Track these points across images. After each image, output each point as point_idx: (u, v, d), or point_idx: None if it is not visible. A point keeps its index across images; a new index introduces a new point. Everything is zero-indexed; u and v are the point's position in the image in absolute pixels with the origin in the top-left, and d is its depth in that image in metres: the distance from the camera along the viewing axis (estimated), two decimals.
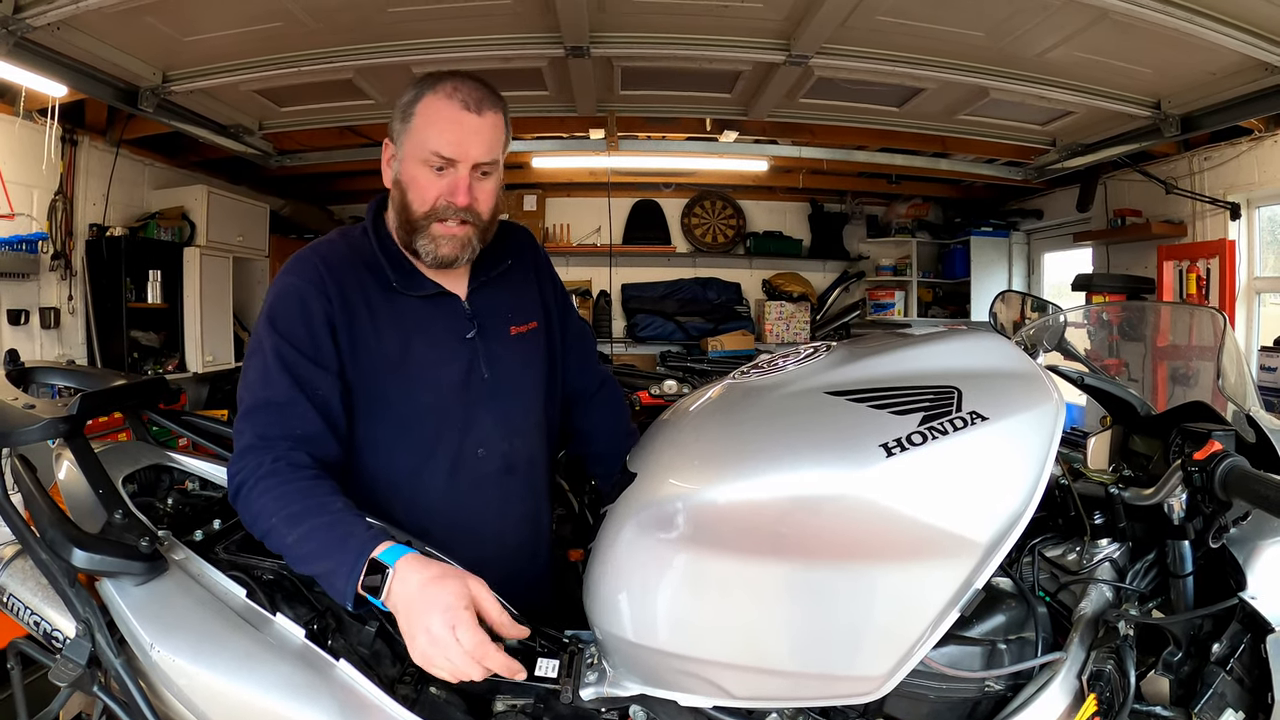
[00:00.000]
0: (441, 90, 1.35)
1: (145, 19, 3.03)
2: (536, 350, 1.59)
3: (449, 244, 1.39)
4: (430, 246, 1.39)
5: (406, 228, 1.41)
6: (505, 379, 1.50)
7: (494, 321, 1.51)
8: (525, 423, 1.55)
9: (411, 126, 1.37)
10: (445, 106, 1.35)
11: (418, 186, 1.38)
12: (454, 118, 1.34)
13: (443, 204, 1.37)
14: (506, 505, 1.53)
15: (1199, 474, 1.07)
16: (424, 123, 1.36)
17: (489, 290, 1.53)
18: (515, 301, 1.57)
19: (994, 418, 1.00)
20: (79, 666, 1.17)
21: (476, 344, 1.47)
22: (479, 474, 1.47)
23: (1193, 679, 1.11)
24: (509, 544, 1.53)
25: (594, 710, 1.16)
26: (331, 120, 4.60)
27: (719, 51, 3.50)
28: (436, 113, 1.35)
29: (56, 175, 4.27)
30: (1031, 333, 1.69)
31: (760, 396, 1.12)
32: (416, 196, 1.38)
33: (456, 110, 1.34)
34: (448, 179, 1.36)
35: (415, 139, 1.36)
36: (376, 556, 1.10)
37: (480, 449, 1.47)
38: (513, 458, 1.51)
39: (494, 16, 3.23)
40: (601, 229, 7.11)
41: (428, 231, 1.39)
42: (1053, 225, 6.62)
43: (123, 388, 1.58)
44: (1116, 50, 3.27)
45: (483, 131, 1.36)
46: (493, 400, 1.48)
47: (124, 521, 1.28)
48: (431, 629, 1.03)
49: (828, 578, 0.99)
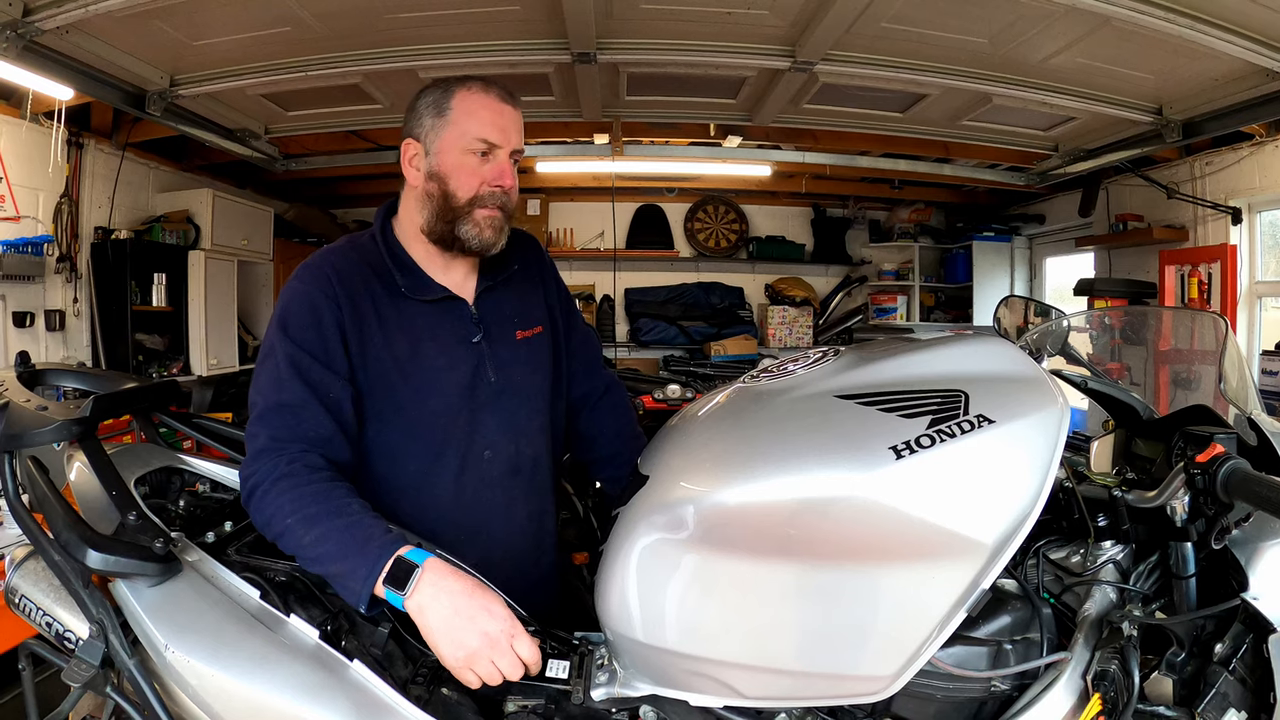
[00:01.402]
0: (475, 86, 1.44)
1: (154, 23, 3.04)
2: (542, 354, 1.60)
3: (492, 227, 1.45)
4: (474, 232, 1.44)
5: (447, 217, 1.45)
6: (511, 382, 1.52)
7: (500, 326, 1.53)
8: (530, 425, 1.56)
9: (449, 120, 1.42)
10: (484, 98, 1.43)
11: (462, 174, 1.43)
12: (495, 108, 1.43)
13: (487, 190, 1.43)
14: (512, 507, 1.54)
15: (1201, 476, 1.08)
16: (464, 114, 1.42)
17: (495, 295, 1.55)
18: (521, 306, 1.59)
19: (1000, 421, 1.01)
20: (92, 667, 1.17)
21: (483, 348, 1.49)
22: (486, 476, 1.49)
23: (1196, 679, 1.11)
24: (515, 546, 1.55)
25: (605, 710, 1.17)
26: (337, 125, 4.61)
27: (724, 58, 3.52)
28: (477, 104, 1.42)
29: (62, 178, 4.29)
30: (1035, 337, 1.70)
31: (770, 400, 1.13)
32: (461, 184, 1.43)
33: (496, 101, 1.43)
34: (491, 165, 1.43)
35: (455, 130, 1.42)
36: (404, 554, 1.14)
37: (487, 451, 1.49)
38: (518, 460, 1.53)
39: (501, 22, 3.24)
40: (605, 233, 7.13)
41: (471, 217, 1.44)
42: (1055, 230, 6.62)
43: (135, 390, 1.58)
44: (1118, 56, 3.28)
45: (518, 121, 1.47)
46: (499, 403, 1.50)
47: (138, 523, 1.29)
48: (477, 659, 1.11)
49: (837, 578, 1.00)
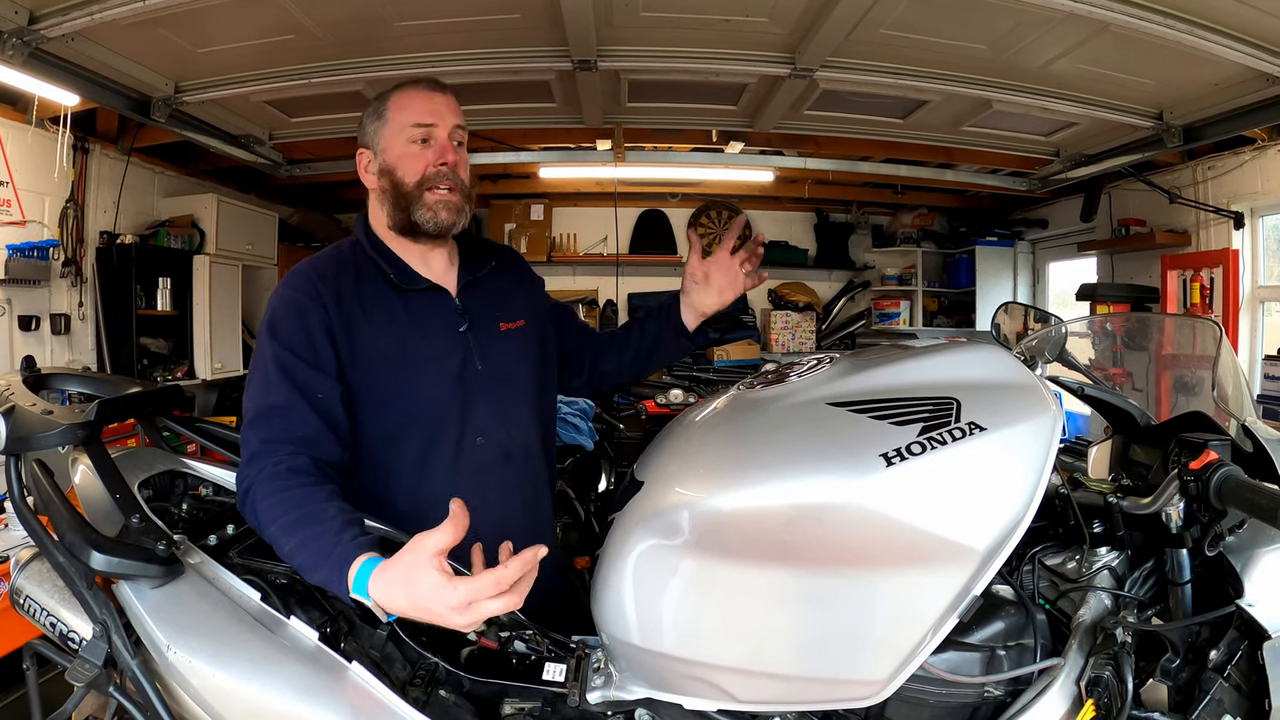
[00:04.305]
0: (405, 86, 1.55)
1: (159, 31, 3.06)
2: (527, 346, 1.66)
3: (446, 208, 1.52)
4: (428, 214, 1.51)
5: (401, 205, 1.53)
6: (498, 370, 1.58)
7: (484, 317, 1.60)
8: (520, 413, 1.61)
9: (387, 119, 1.54)
10: (413, 91, 1.54)
11: (407, 162, 1.52)
12: (423, 96, 1.53)
13: (432, 171, 1.51)
14: (506, 490, 1.57)
15: (1195, 483, 1.09)
16: (397, 110, 1.53)
17: (477, 288, 1.63)
18: (502, 300, 1.66)
19: (992, 428, 1.02)
20: (95, 667, 1.19)
21: (469, 337, 1.56)
22: (478, 461, 1.54)
23: (1190, 685, 1.12)
24: (512, 533, 1.55)
25: (601, 713, 1.18)
26: (340, 131, 4.62)
27: (725, 65, 3.52)
28: (407, 98, 1.53)
29: (68, 183, 4.31)
30: (1033, 344, 1.70)
31: (764, 407, 1.15)
32: (407, 170, 1.52)
33: (423, 91, 1.54)
34: (431, 148, 1.52)
35: (393, 125, 1.53)
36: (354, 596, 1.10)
37: (479, 437, 1.54)
38: (509, 445, 1.58)
39: (502, 30, 3.25)
40: (608, 238, 7.14)
41: (422, 201, 1.51)
42: (1057, 235, 6.60)
43: (139, 394, 1.60)
44: (1118, 62, 3.28)
45: (451, 104, 1.55)
46: (488, 390, 1.56)
47: (141, 526, 1.31)
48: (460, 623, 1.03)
49: (830, 584, 1.01)
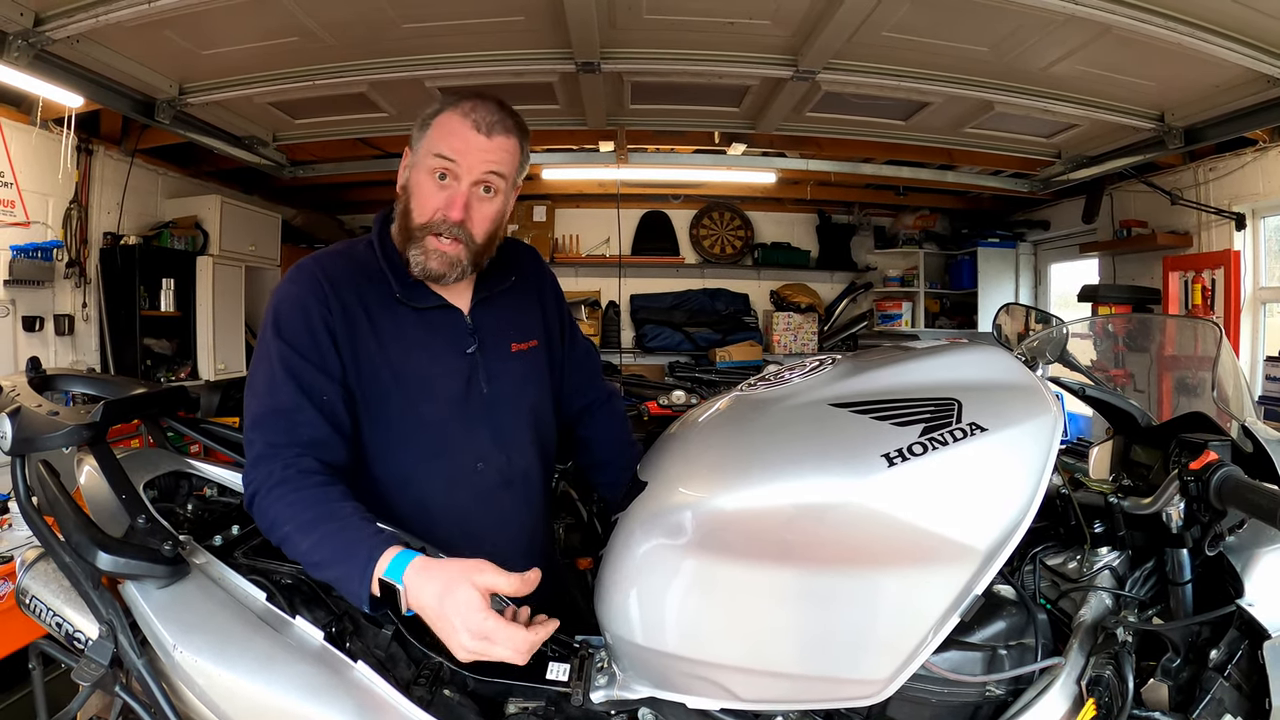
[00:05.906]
0: (460, 108, 1.40)
1: (164, 33, 3.08)
2: (536, 368, 1.60)
3: (438, 259, 1.41)
4: (421, 259, 1.41)
5: (404, 234, 1.44)
6: (504, 394, 1.51)
7: (495, 337, 1.52)
8: (522, 438, 1.55)
9: (427, 135, 1.41)
10: (459, 124, 1.39)
11: (421, 194, 1.41)
12: (463, 135, 1.38)
13: (439, 218, 1.39)
14: (504, 518, 1.53)
15: (1195, 483, 1.09)
16: (437, 134, 1.40)
17: (491, 306, 1.54)
18: (517, 319, 1.58)
19: (993, 429, 1.02)
20: (102, 667, 1.19)
21: (477, 359, 1.48)
22: (478, 488, 1.48)
23: (1191, 685, 1.12)
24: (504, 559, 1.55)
25: (604, 713, 1.18)
26: (344, 132, 4.65)
27: (727, 67, 3.54)
28: (449, 127, 1.39)
29: (72, 184, 4.34)
30: (1034, 345, 1.71)
31: (766, 408, 1.15)
32: (418, 205, 1.41)
33: (467, 129, 1.38)
34: (447, 192, 1.39)
35: (426, 145, 1.41)
36: (384, 577, 1.10)
37: (480, 463, 1.48)
38: (510, 472, 1.52)
39: (506, 33, 3.27)
40: (610, 240, 7.16)
41: (421, 243, 1.41)
42: (1059, 236, 6.61)
43: (144, 396, 1.61)
44: (1119, 64, 3.29)
45: (489, 152, 1.39)
46: (491, 415, 1.49)
47: (147, 526, 1.31)
48: (466, 645, 1.05)
49: (832, 583, 1.01)
